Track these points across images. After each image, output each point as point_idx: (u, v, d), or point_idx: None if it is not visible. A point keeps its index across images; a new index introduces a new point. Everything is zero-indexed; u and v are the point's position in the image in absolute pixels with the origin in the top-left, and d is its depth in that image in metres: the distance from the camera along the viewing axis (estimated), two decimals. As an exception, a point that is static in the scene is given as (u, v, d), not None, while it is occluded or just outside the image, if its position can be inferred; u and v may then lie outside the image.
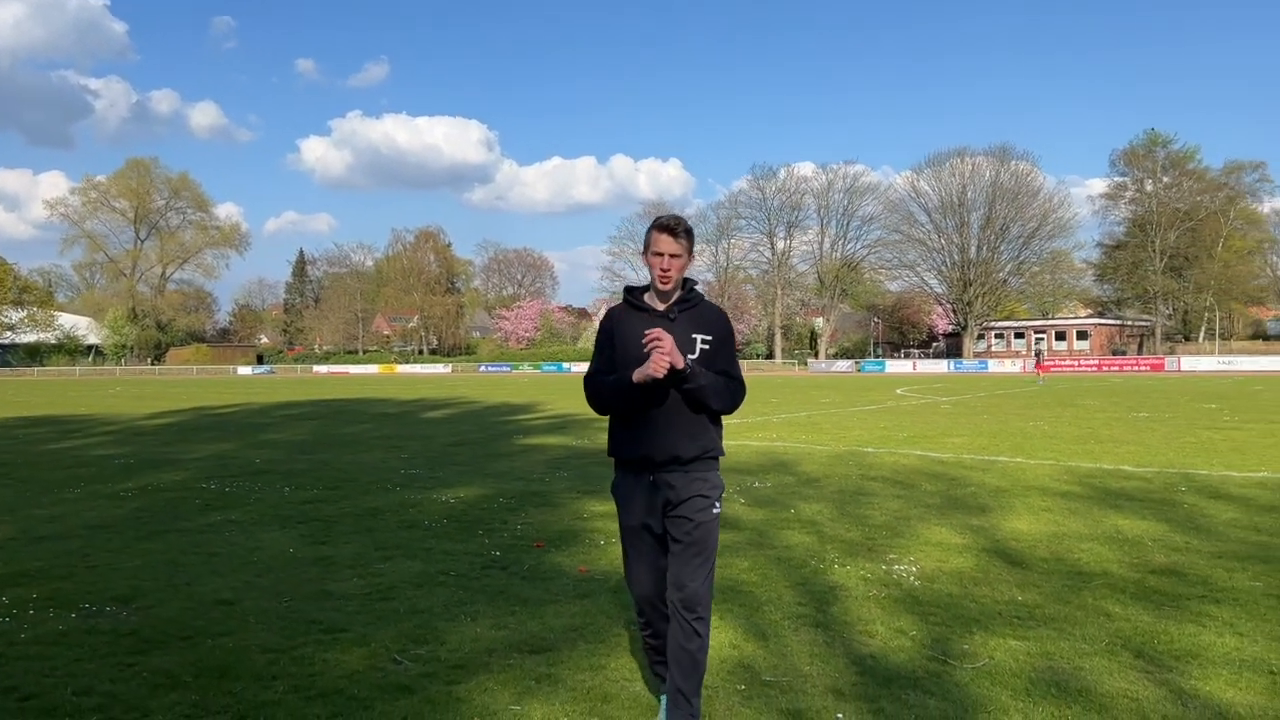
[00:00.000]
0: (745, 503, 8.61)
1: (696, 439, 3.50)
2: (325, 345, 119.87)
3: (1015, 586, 5.60)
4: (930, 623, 4.90)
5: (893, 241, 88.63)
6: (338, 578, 6.05)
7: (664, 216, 3.57)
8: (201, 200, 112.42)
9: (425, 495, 9.38)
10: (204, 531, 7.71)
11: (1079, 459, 11.68)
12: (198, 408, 27.45)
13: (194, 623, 5.07)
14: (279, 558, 6.67)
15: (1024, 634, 4.71)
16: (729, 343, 3.61)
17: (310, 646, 4.63)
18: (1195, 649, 4.45)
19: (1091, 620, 4.92)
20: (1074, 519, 7.67)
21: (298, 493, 9.76)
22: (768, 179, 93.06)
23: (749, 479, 10.09)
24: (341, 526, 7.82)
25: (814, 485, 9.64)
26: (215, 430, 18.81)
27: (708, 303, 3.65)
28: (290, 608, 5.35)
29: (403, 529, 7.66)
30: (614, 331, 3.59)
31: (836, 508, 8.30)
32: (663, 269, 3.49)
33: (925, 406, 23.84)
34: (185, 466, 12.29)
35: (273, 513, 8.55)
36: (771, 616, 5.05)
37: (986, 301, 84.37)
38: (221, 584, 5.93)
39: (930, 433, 15.61)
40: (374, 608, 5.32)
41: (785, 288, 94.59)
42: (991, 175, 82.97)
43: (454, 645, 4.63)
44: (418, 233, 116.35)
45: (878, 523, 7.59)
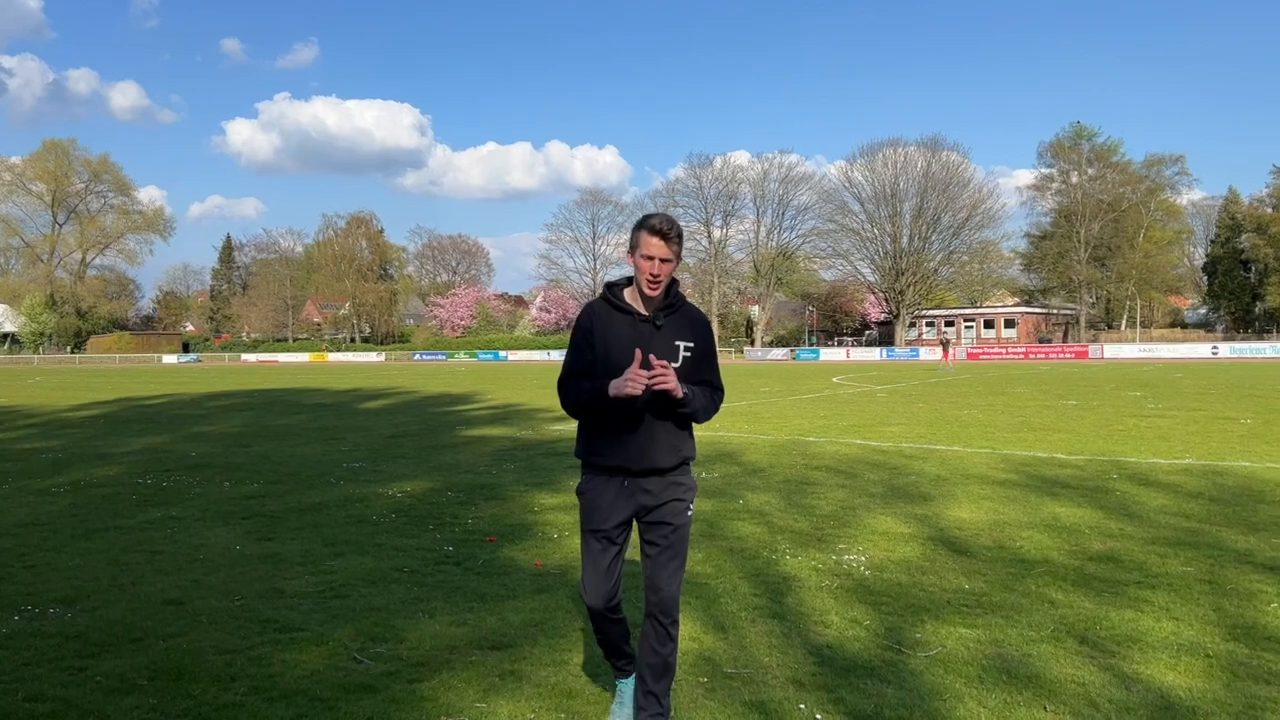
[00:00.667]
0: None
1: (677, 449, 3.47)
2: (254, 333, 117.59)
3: (961, 575, 5.75)
4: (882, 612, 5.02)
5: (827, 231, 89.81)
6: (288, 575, 5.98)
7: (656, 218, 3.35)
8: (123, 183, 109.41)
9: (371, 489, 9.29)
10: (144, 529, 7.55)
11: (1014, 447, 12.00)
12: (125, 398, 26.76)
13: (143, 624, 4.97)
14: (225, 555, 6.56)
15: (973, 622, 4.84)
16: (711, 349, 3.55)
17: (267, 646, 4.58)
18: (1135, 634, 4.63)
19: (1036, 607, 5.08)
20: (1013, 507, 7.89)
21: (238, 487, 9.60)
22: (704, 167, 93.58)
23: (696, 470, 10.18)
24: (287, 522, 7.72)
25: (760, 475, 9.77)
26: (145, 422, 18.36)
27: (690, 305, 3.55)
28: (242, 607, 5.27)
29: (351, 524, 7.58)
30: (594, 331, 3.42)
31: (784, 498, 8.42)
32: (652, 274, 3.34)
33: (862, 395, 24.23)
34: (118, 461, 12.00)
35: (214, 508, 8.40)
36: (729, 608, 5.12)
37: (918, 290, 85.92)
38: (168, 583, 5.82)
39: (869, 422, 15.89)
40: (329, 605, 5.28)
41: (722, 276, 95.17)
42: (923, 166, 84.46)
43: (414, 643, 4.62)
44: (349, 218, 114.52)
45: (825, 513, 7.72)
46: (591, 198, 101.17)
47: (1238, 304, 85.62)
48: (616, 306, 3.44)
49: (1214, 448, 11.63)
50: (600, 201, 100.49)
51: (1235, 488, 8.71)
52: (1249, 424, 14.63)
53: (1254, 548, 6.36)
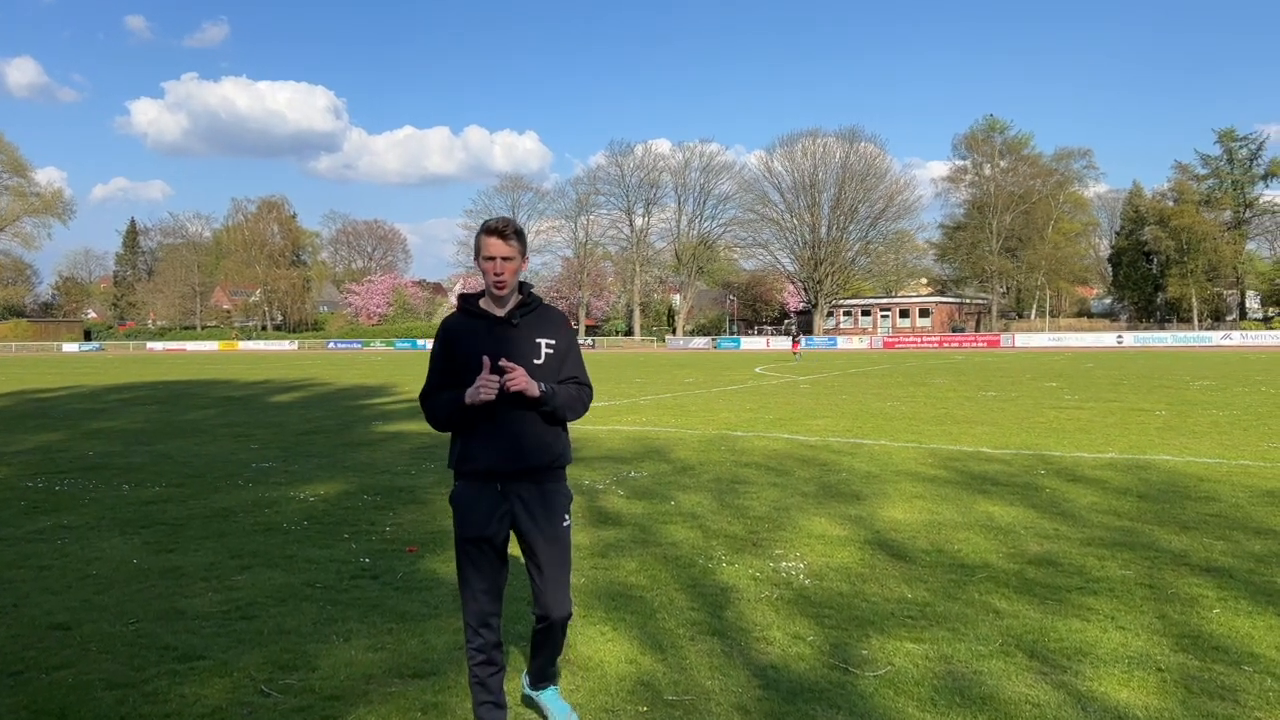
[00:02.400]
0: (624, 494, 8.42)
1: (548, 448, 3.44)
2: (160, 320, 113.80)
3: (903, 582, 5.58)
4: (826, 626, 4.81)
5: (747, 220, 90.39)
6: (189, 592, 5.54)
7: (491, 220, 3.41)
8: (19, 164, 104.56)
9: (281, 492, 8.80)
10: (32, 540, 6.99)
11: (939, 440, 11.99)
12: (18, 391, 25.45)
13: (24, 654, 4.51)
14: (121, 570, 6.07)
15: (919, 635, 4.66)
16: (575, 345, 3.56)
17: (164, 679, 4.17)
18: (1083, 646, 4.49)
19: (982, 618, 4.92)
20: (946, 506, 7.79)
21: (138, 491, 9.02)
22: (625, 155, 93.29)
23: (624, 468, 9.91)
24: (190, 531, 7.23)
25: (690, 474, 9.54)
26: (40, 418, 17.40)
27: (548, 306, 3.56)
28: (138, 631, 4.83)
29: (259, 533, 7.12)
30: (451, 343, 3.45)
31: (716, 498, 8.20)
32: (496, 273, 3.36)
33: (785, 386, 24.26)
34: (6, 461, 11.26)
35: (111, 515, 7.84)
36: (666, 624, 4.86)
37: (836, 280, 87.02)
38: (55, 604, 5.34)
39: (795, 414, 15.81)
40: (234, 628, 4.86)
41: (643, 265, 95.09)
42: (841, 157, 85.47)
43: (327, 672, 4.25)
44: (260, 202, 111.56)
45: (759, 514, 7.52)
46: (511, 184, 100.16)
47: (1140, 294, 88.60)
48: (472, 313, 3.47)
49: (1134, 440, 11.78)
50: (521, 188, 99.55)
51: (1161, 483, 8.76)
52: (1164, 415, 14.93)
53: (1188, 548, 6.33)
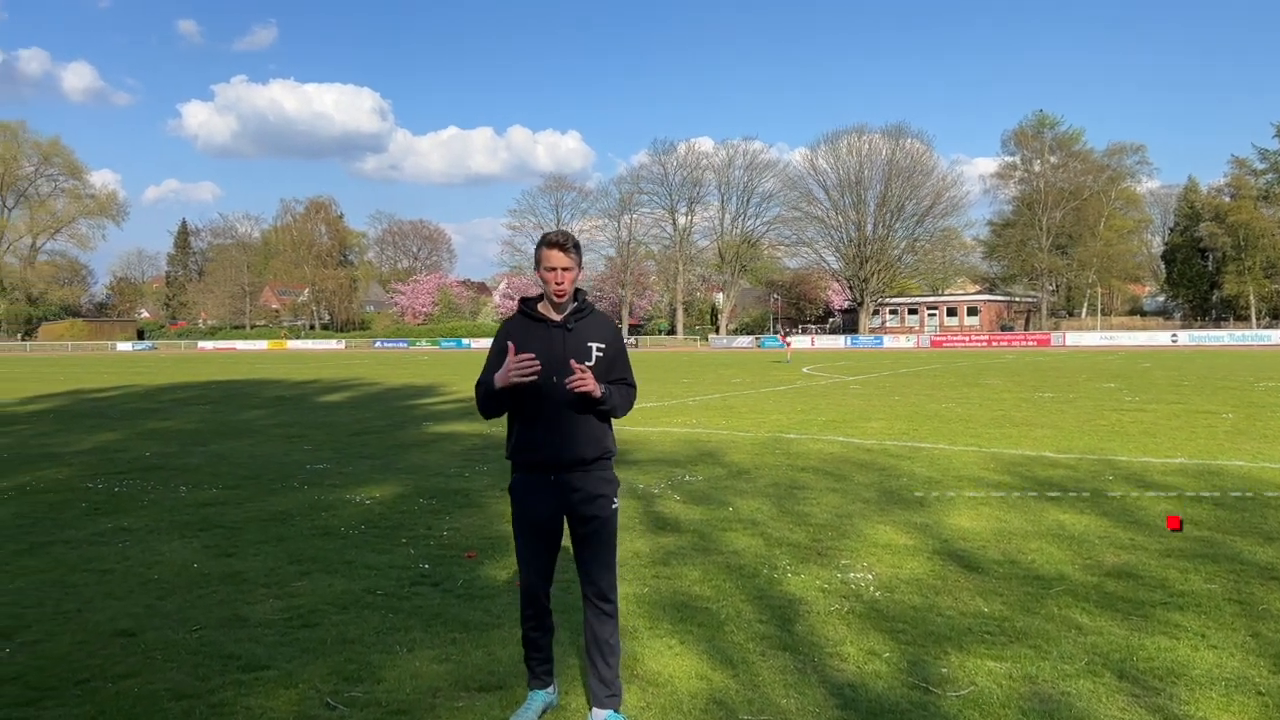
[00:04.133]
0: (680, 499, 8.29)
1: (598, 441, 3.76)
2: (210, 320, 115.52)
3: (977, 595, 5.39)
4: (901, 641, 4.65)
5: (791, 218, 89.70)
6: (251, 599, 5.50)
7: (553, 233, 3.74)
8: (74, 166, 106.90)
9: (337, 495, 8.79)
10: (94, 543, 7.01)
11: (999, 444, 11.72)
12: (75, 391, 25.88)
13: (90, 661, 4.49)
14: (182, 574, 6.06)
15: (1000, 653, 4.49)
16: (623, 349, 3.88)
17: (229, 689, 4.12)
18: (1175, 666, 4.29)
19: (1064, 634, 4.73)
20: (1014, 514, 7.57)
21: (195, 493, 9.06)
22: (668, 154, 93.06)
23: (679, 471, 9.78)
24: (248, 534, 7.21)
25: (746, 478, 9.38)
26: (97, 418, 17.64)
27: (599, 312, 3.90)
28: (201, 639, 4.80)
29: (317, 537, 7.09)
30: (509, 341, 3.71)
31: (775, 504, 8.04)
32: (557, 282, 3.67)
33: (835, 386, 23.97)
34: (67, 462, 11.38)
35: (170, 518, 7.87)
36: (735, 638, 4.72)
37: (881, 278, 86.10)
38: (119, 609, 5.33)
39: (848, 416, 15.57)
40: (297, 637, 4.81)
41: (686, 263, 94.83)
42: (887, 154, 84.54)
43: (392, 684, 4.17)
44: (308, 203, 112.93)
45: (821, 521, 7.35)
46: (555, 183, 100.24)
47: (1195, 292, 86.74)
48: (531, 318, 3.78)
49: (1203, 445, 11.42)
50: (564, 187, 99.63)
51: (1237, 490, 8.45)
52: (1231, 419, 14.49)
53: (1275, 560, 6.07)
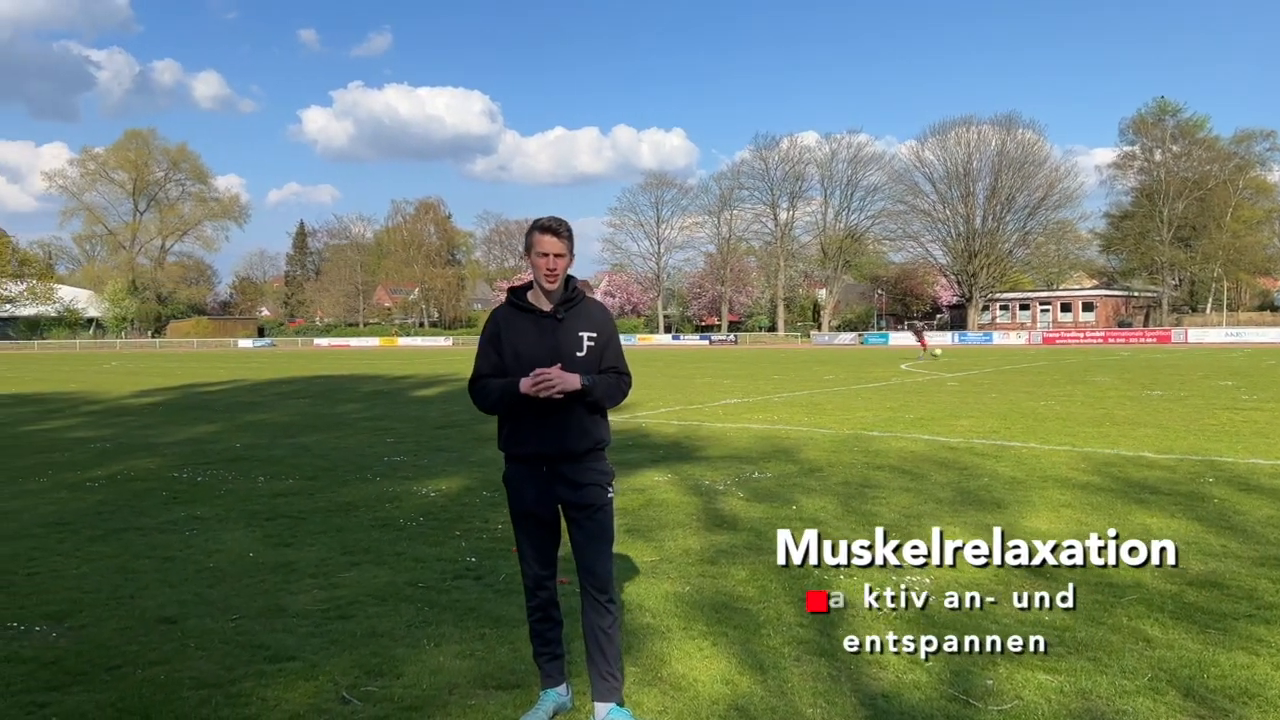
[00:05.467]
0: (744, 497, 8.07)
1: (588, 434, 3.69)
2: (326, 318, 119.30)
3: (1040, 602, 5.05)
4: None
5: (897, 212, 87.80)
6: (296, 589, 5.53)
7: (545, 219, 3.69)
8: (200, 171, 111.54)
9: (405, 487, 8.85)
10: (164, 530, 7.19)
11: (1095, 444, 11.13)
12: (187, 385, 26.94)
13: (127, 648, 4.55)
14: (237, 563, 6.14)
15: (1054, 665, 4.18)
16: (615, 338, 3.79)
17: (250, 680, 4.11)
18: (1251, 685, 3.92)
19: (1130, 647, 4.39)
20: (1097, 516, 7.13)
21: (272, 483, 9.24)
22: (770, 149, 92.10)
23: (749, 468, 9.55)
24: (310, 525, 7.30)
25: (817, 475, 9.10)
26: (201, 410, 18.29)
27: (591, 299, 3.82)
28: (237, 628, 4.82)
29: (375, 528, 7.13)
30: (500, 334, 3.71)
31: (841, 503, 7.76)
32: (548, 268, 3.63)
33: (931, 384, 23.27)
34: (161, 452, 11.78)
35: (241, 507, 8.02)
36: (771, 642, 4.52)
37: (991, 273, 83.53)
38: (169, 596, 5.41)
39: (938, 414, 15.05)
40: (329, 628, 4.80)
41: (788, 259, 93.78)
42: (997, 144, 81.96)
43: (411, 679, 4.11)
44: (418, 204, 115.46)
45: (886, 521, 7.04)
46: (655, 181, 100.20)
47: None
48: (520, 308, 3.71)
49: (1320, 446, 10.63)
50: (664, 185, 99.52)
51: (1351, 495, 7.81)
52: (1357, 419, 13.49)
53: (1383, 573, 5.54)
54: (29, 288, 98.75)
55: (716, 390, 21.62)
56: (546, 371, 3.50)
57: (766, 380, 25.24)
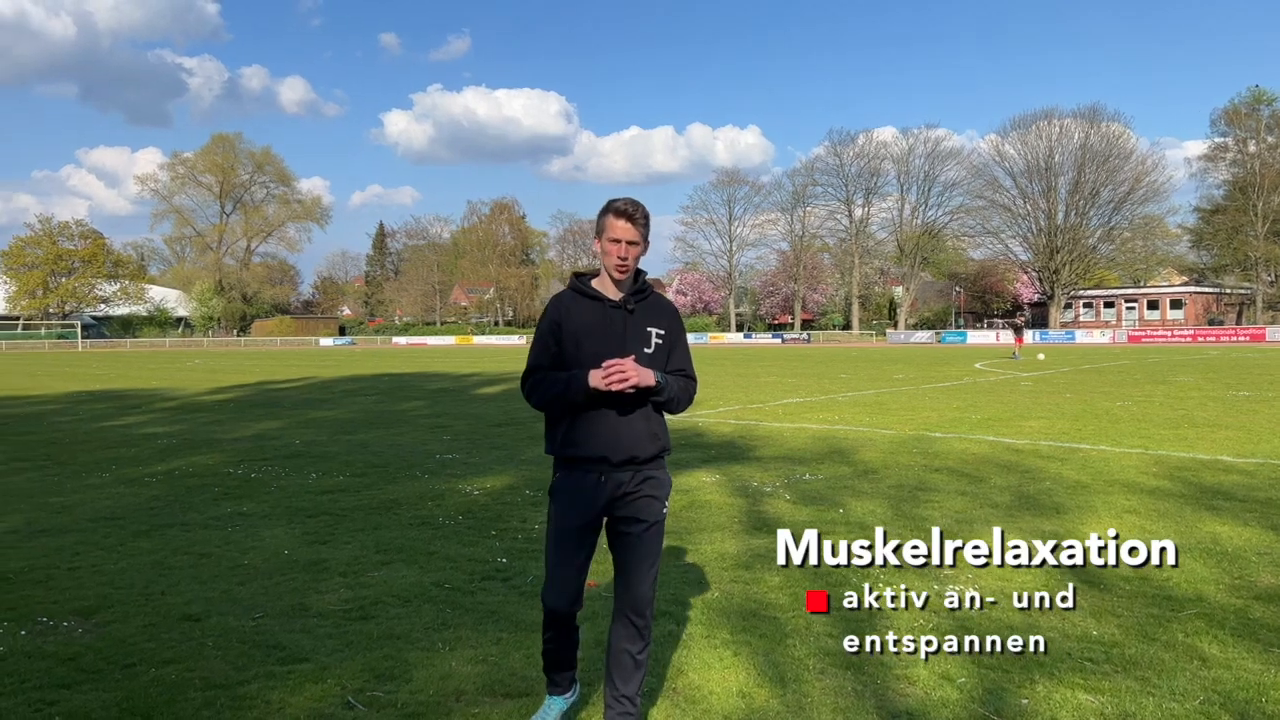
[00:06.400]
0: (791, 499, 7.84)
1: (656, 438, 3.37)
2: (405, 317, 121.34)
3: (1090, 615, 4.76)
4: (983, 665, 4.12)
5: (976, 208, 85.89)
6: (323, 588, 5.48)
7: (620, 200, 3.32)
8: (284, 174, 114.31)
9: (450, 485, 8.81)
10: (208, 526, 7.24)
11: (1171, 446, 10.61)
12: (261, 382, 27.51)
13: (146, 645, 4.53)
14: (271, 561, 6.13)
15: (1098, 684, 3.90)
16: (682, 336, 3.47)
17: (258, 682, 4.05)
18: (1314, 712, 3.60)
19: (1182, 666, 4.08)
20: (1163, 524, 6.74)
21: (323, 480, 9.29)
22: (845, 145, 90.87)
23: (800, 469, 9.30)
24: (350, 522, 7.28)
25: (870, 478, 8.81)
26: (270, 407, 18.61)
27: (659, 294, 3.48)
28: (258, 627, 4.78)
29: (414, 526, 7.08)
30: (562, 323, 3.35)
31: (892, 506, 7.48)
32: (620, 257, 3.29)
33: (1004, 383, 22.61)
34: (223, 448, 11.96)
35: (287, 504, 8.06)
36: (796, 653, 4.31)
37: (1074, 269, 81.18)
38: (197, 594, 5.41)
39: (1006, 414, 14.55)
40: (348, 630, 4.73)
41: (863, 256, 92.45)
42: (1081, 138, 79.58)
43: (419, 684, 4.00)
44: (493, 205, 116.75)
45: (935, 526, 6.75)
46: (728, 178, 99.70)
47: None
48: (586, 294, 3.38)
49: None
50: (737, 182, 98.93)
51: None
52: None
53: None
54: (122, 288, 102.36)
55: (780, 389, 21.30)
56: (620, 362, 3.15)
57: (833, 379, 24.81)
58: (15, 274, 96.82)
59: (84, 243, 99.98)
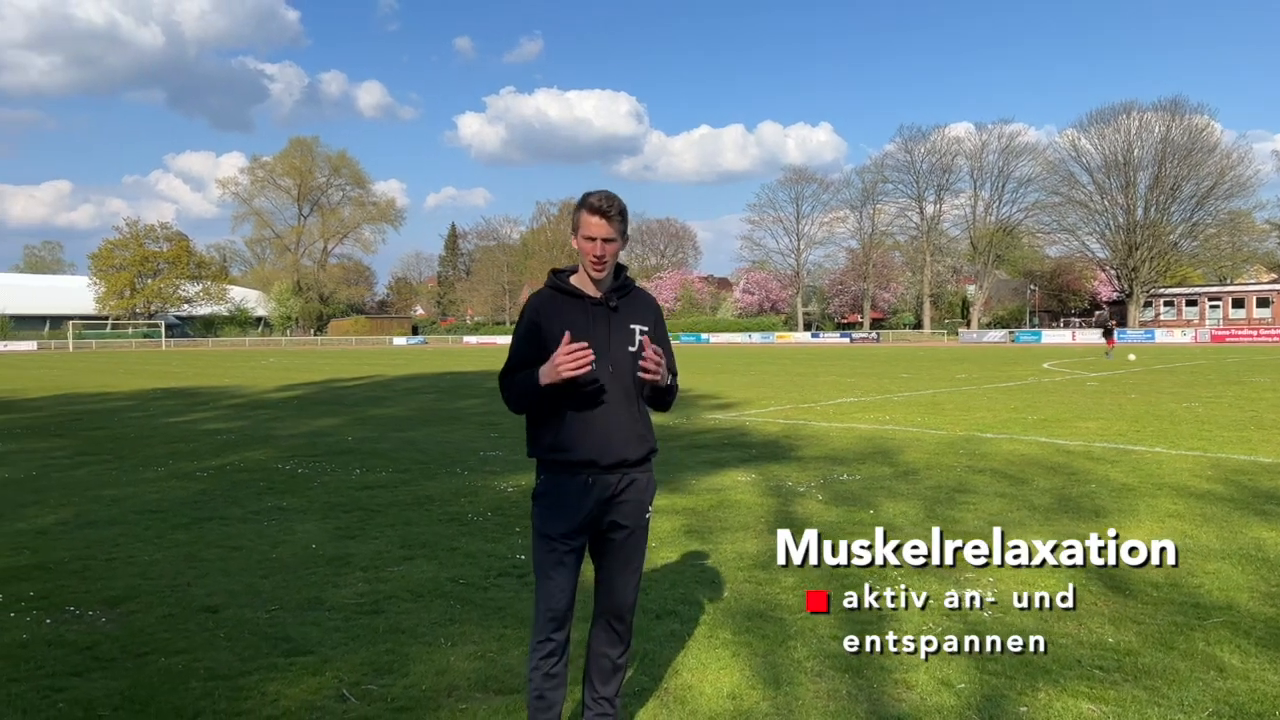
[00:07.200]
0: (823, 499, 7.74)
1: (645, 440, 3.27)
2: (475, 316, 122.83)
3: (1109, 622, 4.61)
4: (986, 671, 4.01)
5: (1051, 204, 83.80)
6: (342, 582, 5.57)
7: (594, 195, 3.13)
8: (359, 177, 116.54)
9: (486, 482, 8.88)
10: (245, 520, 7.40)
11: (1232, 449, 10.22)
12: (328, 380, 28.07)
13: (162, 635, 4.65)
14: (298, 555, 6.25)
15: (1103, 693, 3.77)
16: (665, 333, 3.35)
17: (259, 674, 4.12)
18: (1330, 727, 3.43)
19: (1197, 676, 3.92)
20: (1207, 529, 6.50)
21: (365, 476, 9.44)
22: (917, 141, 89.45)
23: (838, 469, 9.17)
24: (383, 517, 7.39)
25: (909, 479, 8.65)
26: (331, 405, 18.99)
27: (641, 290, 3.36)
28: (271, 619, 4.88)
29: (442, 522, 7.15)
30: (540, 323, 3.19)
31: (925, 508, 7.33)
32: (596, 255, 3.14)
33: (1069, 384, 22.03)
34: (276, 444, 12.23)
35: (325, 499, 8.21)
36: (796, 654, 4.25)
37: (1154, 266, 78.75)
38: (222, 585, 5.54)
39: (1064, 415, 14.17)
40: (355, 624, 4.79)
41: (935, 254, 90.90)
42: (1161, 131, 77.12)
43: (414, 679, 4.04)
44: (561, 205, 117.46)
45: (967, 528, 6.61)
46: (795, 176, 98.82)
47: None
48: (565, 292, 3.24)
49: None
50: (804, 180, 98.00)
51: None
52: None
53: None
54: (204, 288, 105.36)
55: (836, 389, 21.05)
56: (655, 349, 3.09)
57: (893, 379, 24.42)
58: (104, 275, 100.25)
59: (169, 245, 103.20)
